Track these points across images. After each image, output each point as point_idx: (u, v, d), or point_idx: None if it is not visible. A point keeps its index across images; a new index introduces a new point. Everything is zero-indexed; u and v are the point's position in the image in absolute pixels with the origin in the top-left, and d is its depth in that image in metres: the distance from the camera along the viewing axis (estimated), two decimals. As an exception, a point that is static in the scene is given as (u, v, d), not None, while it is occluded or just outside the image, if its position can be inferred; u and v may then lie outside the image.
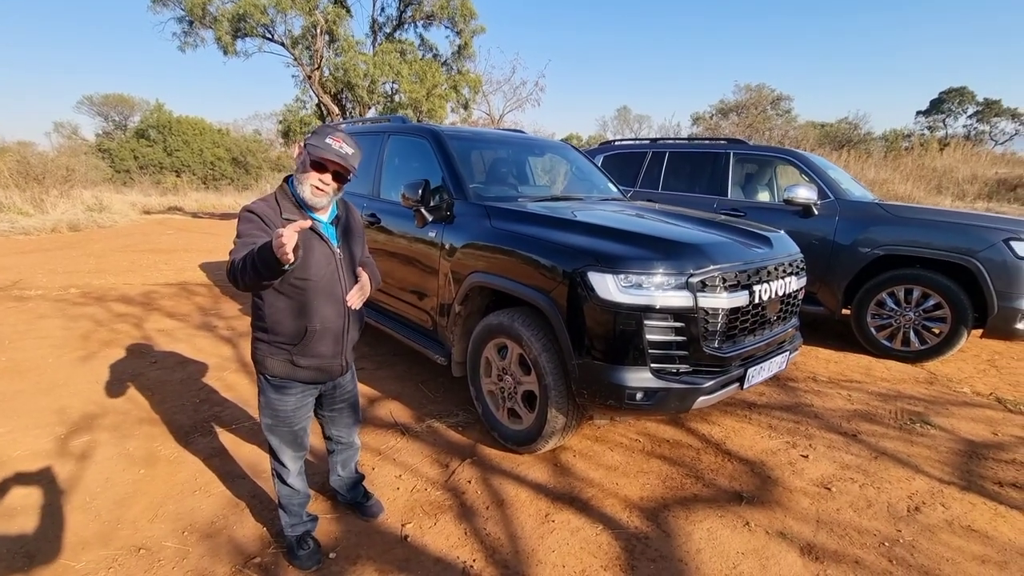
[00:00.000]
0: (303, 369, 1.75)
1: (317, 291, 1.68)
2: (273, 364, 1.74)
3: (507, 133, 4.20)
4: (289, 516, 1.94)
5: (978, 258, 3.83)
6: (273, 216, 1.61)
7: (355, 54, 15.33)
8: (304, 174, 1.63)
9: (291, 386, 1.78)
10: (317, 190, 1.64)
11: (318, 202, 1.66)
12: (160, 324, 4.71)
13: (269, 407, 1.81)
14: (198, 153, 28.21)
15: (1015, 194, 17.17)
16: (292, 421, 1.83)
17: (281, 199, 1.67)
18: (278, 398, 1.79)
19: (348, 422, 2.08)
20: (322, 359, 1.77)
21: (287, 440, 1.86)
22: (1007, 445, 2.86)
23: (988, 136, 33.29)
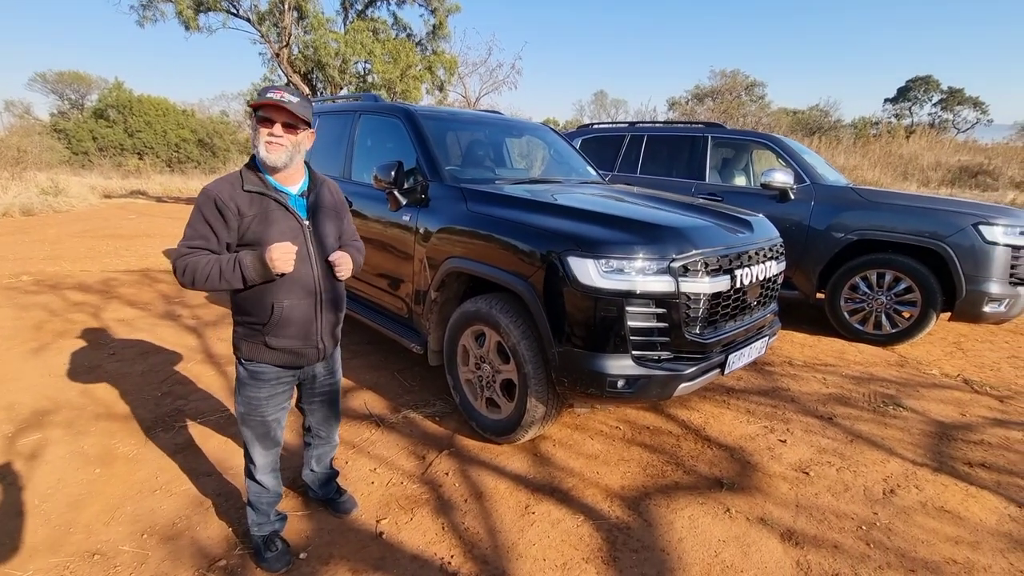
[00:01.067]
0: (274, 351, 1.68)
1: None
2: (247, 347, 1.69)
3: (484, 114, 4.07)
4: (257, 514, 1.85)
5: (948, 242, 3.89)
6: (229, 192, 1.55)
7: (325, 32, 14.80)
8: (255, 132, 1.58)
9: (264, 371, 1.71)
10: (269, 144, 1.55)
11: (274, 156, 1.56)
12: (120, 313, 4.47)
13: (243, 394, 1.75)
14: (161, 135, 27.01)
15: (976, 180, 17.76)
16: (264, 411, 1.75)
17: (245, 172, 1.61)
18: (252, 383, 1.72)
19: (326, 416, 1.99)
20: (293, 341, 1.69)
21: (258, 432, 1.78)
22: (975, 426, 2.92)
23: (951, 124, 34.27)
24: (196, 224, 1.55)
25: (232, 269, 1.51)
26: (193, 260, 1.52)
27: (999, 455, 2.62)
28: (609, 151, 5.91)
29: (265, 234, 1.57)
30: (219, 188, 1.56)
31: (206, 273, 1.50)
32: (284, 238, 1.59)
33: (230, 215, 1.54)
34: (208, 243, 1.55)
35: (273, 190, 1.62)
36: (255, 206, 1.58)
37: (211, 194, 1.55)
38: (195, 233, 1.55)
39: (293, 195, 1.67)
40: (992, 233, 3.79)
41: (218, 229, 1.55)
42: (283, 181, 1.65)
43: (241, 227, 1.56)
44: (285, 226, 1.61)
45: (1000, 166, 18.25)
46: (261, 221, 1.58)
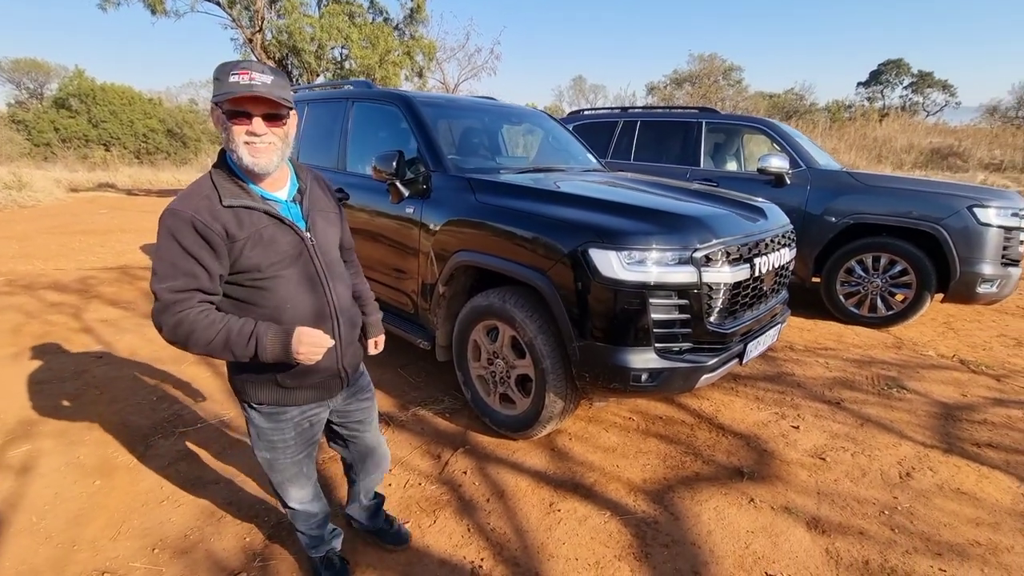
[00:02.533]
0: (295, 390, 1.40)
1: (289, 289, 1.31)
2: (257, 390, 1.39)
3: (481, 100, 3.96)
4: (309, 538, 1.67)
5: (943, 225, 3.94)
6: (209, 211, 1.19)
7: (300, 16, 14.32)
8: (227, 134, 1.20)
9: (286, 411, 1.42)
10: (252, 146, 1.20)
11: (264, 162, 1.22)
12: (102, 313, 4.28)
13: (264, 439, 1.46)
14: (128, 125, 25.99)
15: (947, 162, 18.21)
16: (294, 453, 1.49)
17: (219, 180, 1.24)
18: (272, 427, 1.43)
19: (368, 446, 1.71)
20: (314, 376, 1.40)
21: (290, 475, 1.52)
22: (977, 406, 2.98)
23: (922, 107, 35.00)
24: (174, 258, 1.17)
25: (245, 343, 1.20)
26: (189, 317, 1.18)
27: (1004, 434, 2.67)
28: (601, 138, 5.84)
29: (262, 260, 1.25)
30: (194, 206, 1.18)
31: (207, 339, 1.18)
32: (287, 261, 1.29)
33: (218, 241, 1.18)
34: (198, 282, 1.19)
35: (260, 200, 1.27)
36: (245, 225, 1.22)
37: (185, 216, 1.17)
38: (175, 270, 1.17)
39: (284, 202, 1.33)
40: (986, 215, 3.85)
41: (206, 261, 1.19)
42: (269, 187, 1.30)
43: (232, 254, 1.22)
44: (286, 244, 1.29)
45: (969, 148, 18.74)
46: (255, 243, 1.24)
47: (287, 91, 1.22)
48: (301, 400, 1.43)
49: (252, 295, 1.29)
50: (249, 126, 1.19)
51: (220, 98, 1.16)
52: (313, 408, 1.48)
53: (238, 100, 1.16)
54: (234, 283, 1.27)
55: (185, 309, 1.19)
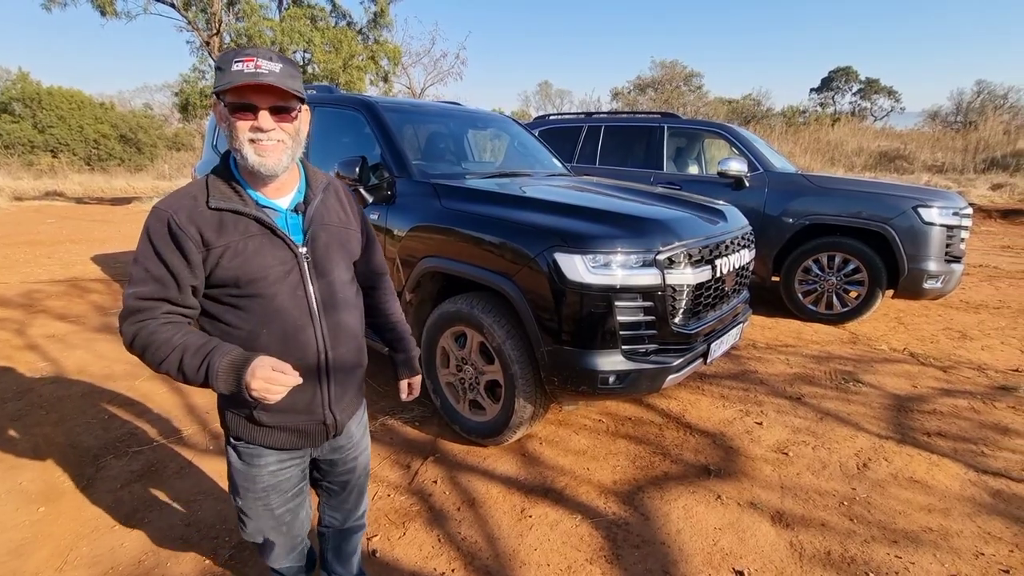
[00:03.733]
0: (267, 429, 1.21)
1: (269, 312, 1.13)
2: (233, 420, 1.22)
3: (447, 105, 3.94)
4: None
5: (891, 224, 4.13)
6: (188, 212, 1.06)
7: (259, 19, 14.01)
8: (230, 129, 1.07)
9: (262, 453, 1.24)
10: (258, 144, 1.06)
11: (272, 162, 1.08)
12: (49, 329, 4.05)
13: (235, 482, 1.28)
14: (78, 130, 24.80)
15: (894, 164, 19.15)
16: (268, 500, 1.27)
17: (214, 182, 1.11)
18: (244, 469, 1.25)
19: (353, 498, 1.49)
20: (290, 416, 1.20)
21: (266, 527, 1.31)
22: (927, 397, 3.12)
23: (869, 112, 36.72)
24: (146, 260, 1.06)
25: (197, 366, 1.03)
26: (148, 331, 1.05)
27: (951, 423, 2.81)
28: (566, 143, 5.89)
29: (243, 272, 1.09)
30: (175, 205, 1.06)
31: (161, 356, 1.04)
32: (273, 275, 1.12)
33: (190, 247, 1.05)
34: (165, 290, 1.06)
35: (254, 206, 1.11)
36: (227, 231, 1.08)
37: (163, 215, 1.05)
38: (145, 275, 1.06)
39: (284, 211, 1.16)
40: (930, 214, 4.06)
41: (176, 268, 1.05)
42: (271, 192, 1.14)
43: (208, 263, 1.07)
44: (272, 259, 1.12)
45: (914, 151, 19.76)
46: (236, 253, 1.08)
47: (298, 81, 1.09)
48: (278, 443, 1.23)
49: (228, 314, 1.13)
50: (255, 120, 1.05)
51: (222, 87, 1.02)
52: (292, 456, 1.28)
53: (241, 90, 1.02)
54: (211, 298, 1.13)
55: (147, 319, 1.05)
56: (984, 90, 27.84)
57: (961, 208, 4.21)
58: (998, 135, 18.25)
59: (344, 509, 1.49)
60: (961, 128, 22.53)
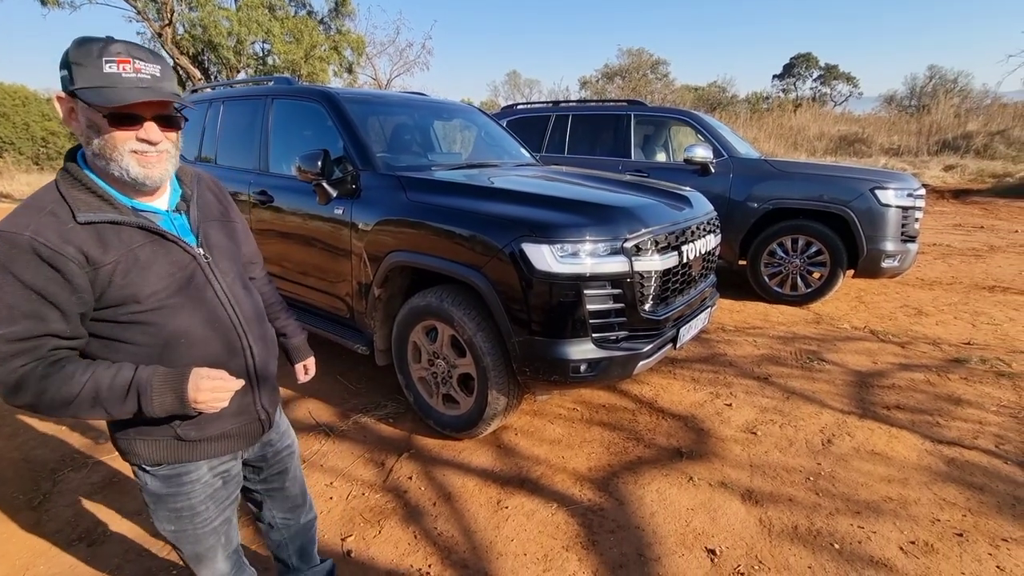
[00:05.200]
0: (201, 443, 1.11)
1: (182, 322, 1.04)
2: (148, 449, 1.08)
3: (411, 96, 3.86)
4: None
5: (850, 207, 4.26)
6: (57, 232, 0.91)
7: (214, 8, 13.49)
8: (102, 140, 0.94)
9: (188, 469, 1.12)
10: (144, 156, 0.96)
11: (156, 175, 0.99)
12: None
13: (163, 508, 1.14)
14: (23, 128, 23.48)
15: (853, 148, 19.78)
16: (206, 519, 1.17)
17: (70, 192, 0.95)
18: (173, 492, 1.12)
19: (297, 487, 1.44)
20: (226, 423, 1.13)
21: (207, 547, 1.20)
22: (886, 372, 3.25)
23: (829, 97, 37.74)
24: (9, 298, 0.88)
25: (122, 398, 0.94)
26: (36, 372, 0.90)
27: (908, 396, 2.93)
28: (535, 132, 5.87)
29: (144, 287, 0.98)
30: (34, 226, 0.89)
31: (67, 397, 0.91)
32: (176, 283, 1.03)
33: (73, 268, 0.91)
34: (47, 326, 0.91)
35: (131, 213, 0.99)
36: (111, 246, 0.95)
37: (22, 240, 0.88)
38: (12, 313, 0.88)
39: (166, 213, 1.07)
40: (886, 196, 4.19)
41: (58, 298, 0.91)
42: (143, 196, 1.03)
43: (97, 284, 0.94)
44: (171, 266, 1.02)
45: (872, 134, 20.43)
46: (129, 268, 0.96)
47: (175, 83, 1.02)
48: (208, 453, 1.13)
49: (130, 333, 1.00)
50: (139, 131, 0.94)
51: (97, 96, 0.89)
52: (225, 462, 1.19)
53: (128, 102, 0.91)
54: (103, 319, 0.98)
55: (30, 362, 0.90)
56: (936, 75, 28.86)
57: (915, 189, 4.37)
58: (949, 118, 18.99)
59: (292, 506, 1.44)
60: (915, 112, 23.36)
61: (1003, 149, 16.12)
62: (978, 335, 3.83)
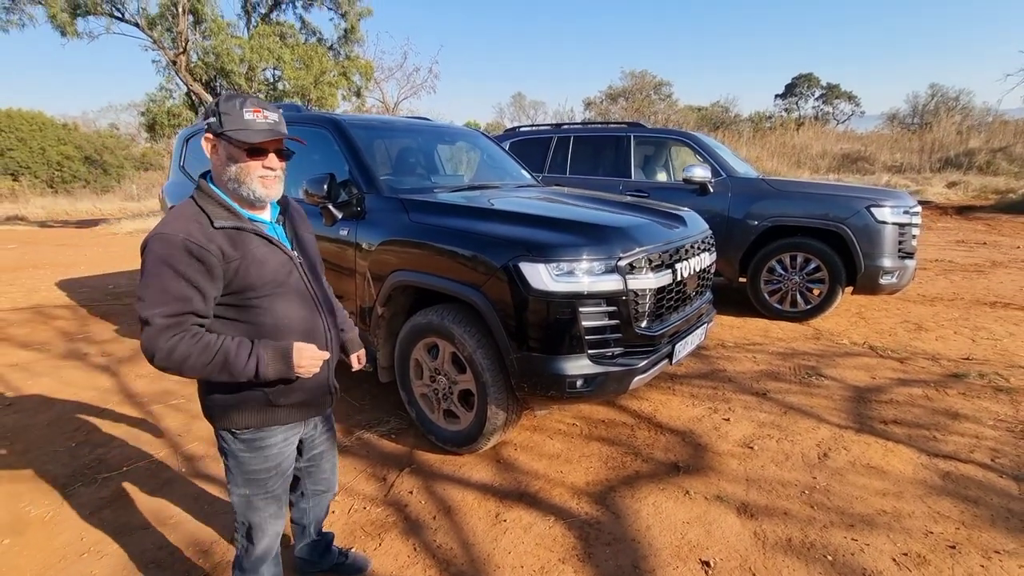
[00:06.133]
0: (285, 408, 1.38)
1: (286, 305, 1.35)
2: (243, 414, 1.34)
3: (414, 121, 4.00)
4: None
5: (847, 224, 4.32)
6: (202, 232, 1.20)
7: (227, 37, 13.92)
8: (239, 167, 1.26)
9: (271, 434, 1.39)
10: (266, 179, 1.29)
11: (275, 192, 1.32)
12: (12, 358, 3.95)
13: (243, 473, 1.40)
14: (39, 152, 24.17)
15: (856, 166, 19.85)
16: (275, 481, 1.44)
17: (206, 205, 1.26)
18: (253, 456, 1.38)
19: (330, 466, 1.71)
20: (308, 391, 1.41)
21: (271, 512, 1.45)
22: (884, 387, 3.27)
23: (831, 116, 38.04)
24: (165, 283, 1.16)
25: (244, 362, 1.21)
26: (184, 341, 1.17)
27: (906, 411, 2.95)
28: (537, 153, 6.01)
29: (258, 279, 1.27)
30: (186, 230, 1.19)
31: (204, 361, 1.18)
32: (280, 278, 1.32)
33: (214, 261, 1.19)
34: (191, 305, 1.19)
35: (249, 221, 1.30)
36: (238, 245, 1.25)
37: (177, 239, 1.17)
38: (166, 296, 1.16)
39: (269, 223, 1.38)
40: (882, 213, 4.26)
41: (201, 284, 1.19)
42: (255, 210, 1.35)
43: (227, 274, 1.23)
44: (276, 263, 1.32)
45: (874, 152, 20.53)
46: (250, 263, 1.26)
47: (284, 127, 1.31)
48: (288, 419, 1.41)
49: (247, 315, 1.30)
50: (266, 160, 1.28)
51: (239, 135, 1.22)
52: (295, 430, 1.46)
53: (261, 141, 1.24)
54: (227, 304, 1.27)
55: (179, 334, 1.18)
56: (938, 93, 29.10)
57: (911, 207, 4.43)
58: (951, 135, 19.09)
59: (323, 479, 1.70)
60: (918, 129, 23.49)
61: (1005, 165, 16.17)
62: (977, 350, 3.84)
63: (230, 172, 1.27)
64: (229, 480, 1.43)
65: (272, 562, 1.54)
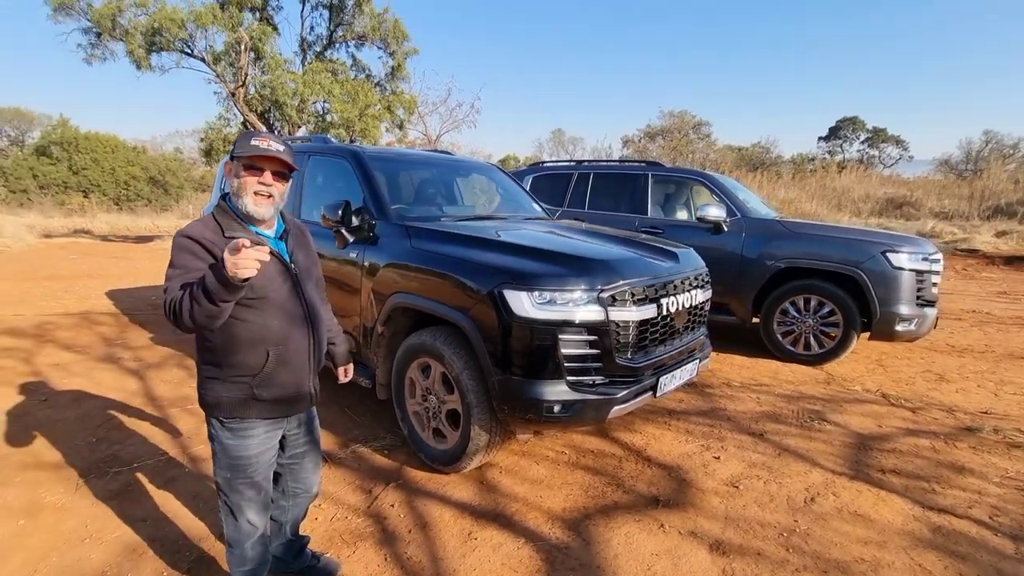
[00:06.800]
0: (265, 403, 1.55)
1: (275, 309, 1.53)
2: (229, 402, 1.53)
3: (432, 154, 4.24)
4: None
5: (862, 268, 4.26)
6: (214, 237, 1.45)
7: (283, 72, 14.93)
8: (239, 181, 1.48)
9: (252, 426, 1.57)
10: (259, 196, 1.48)
11: (263, 211, 1.50)
12: (54, 358, 4.30)
13: (226, 456, 1.58)
14: (110, 172, 26.14)
15: (901, 211, 19.23)
16: (254, 469, 1.60)
17: (221, 217, 1.50)
18: (236, 444, 1.57)
19: (311, 466, 1.84)
20: (286, 388, 1.58)
21: (250, 495, 1.62)
22: (890, 436, 3.17)
23: (878, 159, 37.12)
24: (185, 263, 1.43)
25: (201, 285, 1.31)
26: (177, 299, 1.37)
27: (908, 461, 2.85)
28: (559, 188, 6.18)
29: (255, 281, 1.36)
30: (200, 232, 1.46)
31: (187, 305, 1.33)
32: (274, 284, 1.52)
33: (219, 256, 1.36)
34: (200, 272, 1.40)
35: (254, 234, 1.53)
36: None
37: (195, 236, 1.44)
38: (184, 272, 1.41)
39: (273, 238, 1.60)
40: (898, 259, 4.18)
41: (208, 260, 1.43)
42: (261, 227, 1.58)
43: None
44: (273, 271, 1.52)
45: (921, 198, 19.88)
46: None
47: (292, 158, 1.54)
48: (268, 414, 1.58)
49: (244, 312, 1.48)
50: (260, 177, 1.49)
51: (241, 152, 1.47)
52: (275, 426, 1.63)
53: (257, 157, 1.47)
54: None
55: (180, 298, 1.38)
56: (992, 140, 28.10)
57: (931, 254, 4.33)
58: (1002, 183, 18.34)
59: (306, 478, 1.83)
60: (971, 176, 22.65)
61: (1062, 216, 15.33)
62: (999, 404, 3.67)
63: (234, 186, 1.51)
64: (215, 463, 1.63)
65: (257, 542, 1.69)
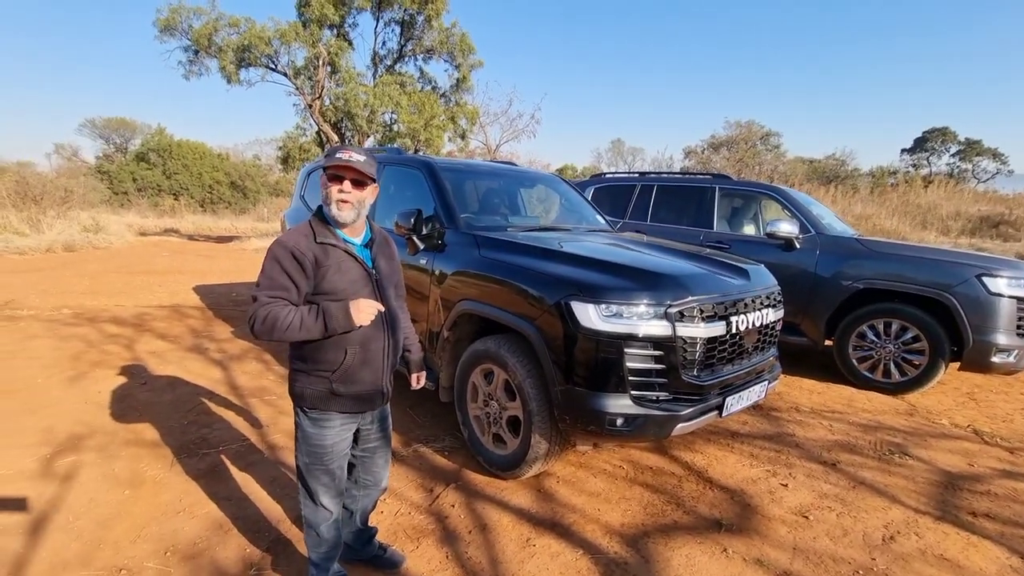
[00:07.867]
0: (342, 399, 1.70)
1: None
2: (312, 395, 1.70)
3: (499, 165, 4.35)
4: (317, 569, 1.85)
5: (952, 293, 3.95)
6: (306, 244, 1.61)
7: (356, 85, 15.73)
8: (326, 191, 1.64)
9: (330, 418, 1.73)
10: (341, 202, 1.63)
11: (345, 215, 1.65)
12: (151, 346, 4.73)
13: (306, 443, 1.75)
14: (197, 176, 28.49)
15: (997, 231, 17.57)
16: (330, 458, 1.75)
17: (315, 224, 1.67)
18: (316, 432, 1.73)
19: (382, 461, 1.97)
20: (363, 386, 1.73)
21: (325, 481, 1.78)
22: (983, 476, 2.92)
23: (971, 174, 34.18)
24: (275, 275, 1.59)
25: (315, 319, 1.55)
26: (274, 311, 1.54)
27: (1005, 506, 2.61)
28: (621, 199, 6.14)
29: (339, 283, 1.64)
30: (295, 240, 1.61)
31: (287, 323, 1.53)
32: (356, 287, 1.67)
33: (308, 265, 1.60)
34: (288, 294, 1.59)
35: (342, 241, 1.68)
36: (330, 256, 1.64)
37: (288, 246, 1.59)
38: (274, 284, 1.58)
39: (358, 245, 1.74)
40: (996, 285, 3.85)
41: (298, 280, 1.59)
42: (349, 233, 1.72)
43: (317, 277, 1.62)
44: (356, 275, 1.68)
45: (1022, 216, 18.09)
46: (335, 271, 1.64)
47: (372, 169, 1.66)
48: (346, 408, 1.73)
49: None
50: (340, 185, 1.63)
51: (327, 164, 1.63)
52: (351, 420, 1.78)
53: (337, 168, 1.62)
54: (315, 302, 1.63)
55: (273, 306, 1.57)
56: (1109, 153, 25.19)
57: (1034, 279, 3.95)
58: (1124, 202, 16.37)
59: (377, 471, 1.97)
60: (1081, 193, 20.37)
61: None
62: (1115, 451, 3.29)
63: (323, 195, 1.67)
64: (296, 448, 1.79)
65: (331, 525, 1.82)
